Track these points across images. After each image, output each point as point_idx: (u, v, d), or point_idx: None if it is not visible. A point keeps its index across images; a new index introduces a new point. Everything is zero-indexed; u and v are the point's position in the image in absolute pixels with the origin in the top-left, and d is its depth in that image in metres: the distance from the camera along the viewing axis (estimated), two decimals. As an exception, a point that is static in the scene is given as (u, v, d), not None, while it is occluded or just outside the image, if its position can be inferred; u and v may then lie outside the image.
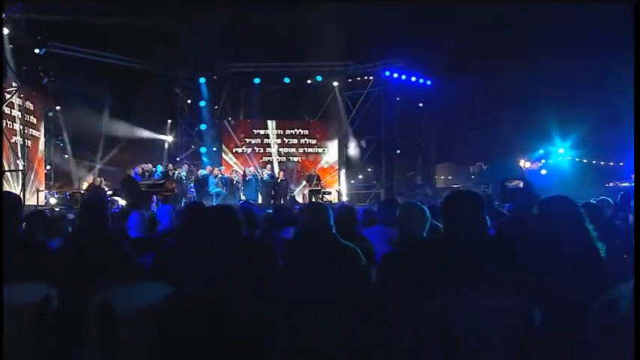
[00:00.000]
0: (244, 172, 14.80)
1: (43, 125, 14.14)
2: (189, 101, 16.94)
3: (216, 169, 14.32)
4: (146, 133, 16.51)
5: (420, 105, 17.43)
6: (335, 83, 17.06)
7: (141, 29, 15.43)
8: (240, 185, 14.51)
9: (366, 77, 17.04)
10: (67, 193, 13.18)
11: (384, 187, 16.85)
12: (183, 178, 13.79)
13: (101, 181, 12.96)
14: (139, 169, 12.58)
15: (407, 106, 17.25)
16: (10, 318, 2.37)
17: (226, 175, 14.53)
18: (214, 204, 10.61)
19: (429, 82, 17.39)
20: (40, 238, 3.05)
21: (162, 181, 12.30)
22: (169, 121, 16.97)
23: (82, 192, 12.15)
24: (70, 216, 4.83)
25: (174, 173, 13.21)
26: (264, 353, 2.32)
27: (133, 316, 2.31)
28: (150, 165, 13.64)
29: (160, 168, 13.60)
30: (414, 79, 17.07)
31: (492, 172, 17.29)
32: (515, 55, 16.39)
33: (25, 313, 2.39)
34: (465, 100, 17.55)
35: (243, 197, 14.09)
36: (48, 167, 14.31)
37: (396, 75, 16.74)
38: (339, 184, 17.33)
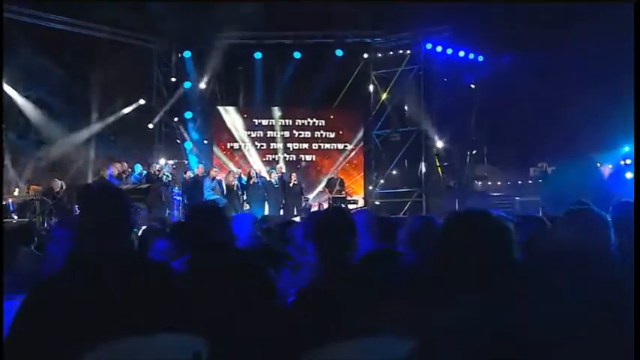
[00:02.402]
0: (249, 173, 14.36)
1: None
2: (170, 80, 16.61)
3: (213, 169, 13.91)
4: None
5: (473, 86, 17.09)
6: (364, 55, 16.80)
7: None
8: (239, 191, 14.09)
9: (400, 51, 16.74)
10: (10, 201, 12.66)
11: (424, 194, 16.45)
12: (169, 180, 13.36)
13: (62, 185, 12.51)
14: (114, 170, 12.11)
15: (453, 89, 16.89)
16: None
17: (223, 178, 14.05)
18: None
19: (480, 58, 17.08)
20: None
21: (146, 185, 11.89)
22: (141, 101, 16.43)
23: (43, 199, 11.58)
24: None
25: (163, 175, 12.72)
26: None
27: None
28: (125, 164, 13.22)
29: (137, 168, 13.28)
30: (462, 53, 16.74)
31: (560, 176, 16.92)
32: (591, 20, 16.09)
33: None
34: (526, 80, 17.25)
35: (247, 206, 13.74)
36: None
37: (439, 48, 16.40)
38: (368, 189, 16.96)
